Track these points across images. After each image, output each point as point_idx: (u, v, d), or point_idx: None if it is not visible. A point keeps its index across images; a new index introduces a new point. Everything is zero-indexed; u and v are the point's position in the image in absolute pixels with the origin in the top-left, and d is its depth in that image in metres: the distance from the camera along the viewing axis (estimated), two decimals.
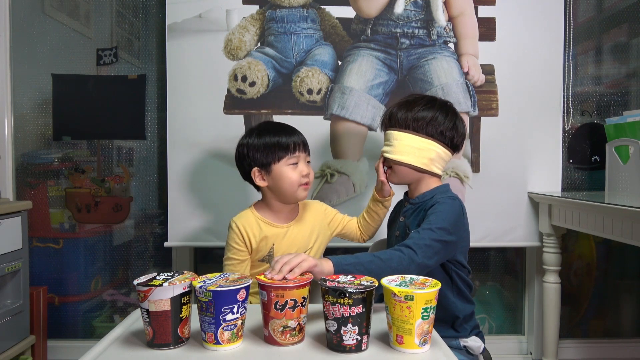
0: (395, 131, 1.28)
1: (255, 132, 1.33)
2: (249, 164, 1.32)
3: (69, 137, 2.07)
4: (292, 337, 0.87)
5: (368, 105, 1.89)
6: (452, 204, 1.25)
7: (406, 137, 1.27)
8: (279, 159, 1.28)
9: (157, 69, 2.07)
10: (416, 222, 1.27)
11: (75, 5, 2.08)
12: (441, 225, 1.18)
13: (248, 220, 1.34)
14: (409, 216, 1.32)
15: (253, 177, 1.31)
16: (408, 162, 1.27)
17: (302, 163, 1.31)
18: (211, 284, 0.85)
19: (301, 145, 1.31)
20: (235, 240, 1.32)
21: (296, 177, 1.29)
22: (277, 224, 1.34)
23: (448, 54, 1.91)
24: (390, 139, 1.29)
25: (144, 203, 2.13)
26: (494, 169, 1.93)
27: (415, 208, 1.32)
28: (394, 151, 1.28)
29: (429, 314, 0.84)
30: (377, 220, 1.44)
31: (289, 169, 1.29)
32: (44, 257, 2.11)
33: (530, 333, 2.17)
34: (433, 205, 1.24)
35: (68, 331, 2.15)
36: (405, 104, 1.30)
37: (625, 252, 2.20)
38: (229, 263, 1.33)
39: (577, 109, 2.09)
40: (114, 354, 0.85)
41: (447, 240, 1.18)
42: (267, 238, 1.32)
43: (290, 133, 1.32)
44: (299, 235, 1.36)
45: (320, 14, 1.91)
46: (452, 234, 1.20)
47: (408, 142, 1.27)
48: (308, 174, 1.31)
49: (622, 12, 2.11)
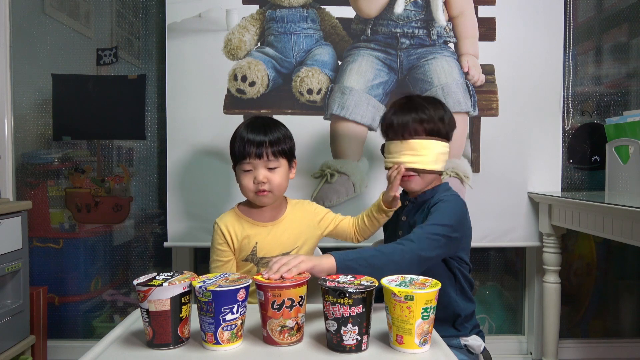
0: (423, 140, 1.25)
1: (243, 126, 1.30)
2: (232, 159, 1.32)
3: (69, 137, 2.07)
4: (290, 336, 0.87)
5: (368, 105, 1.89)
6: (456, 202, 1.27)
7: (436, 145, 1.26)
8: (237, 163, 1.28)
9: (157, 69, 2.07)
10: (420, 221, 1.27)
11: (75, 5, 2.08)
12: (445, 222, 1.18)
13: (230, 219, 1.33)
14: (412, 215, 1.32)
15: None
16: (439, 169, 1.28)
17: (258, 170, 1.25)
18: (211, 284, 0.85)
19: (253, 153, 1.23)
20: (217, 241, 1.32)
21: (247, 184, 1.26)
22: (261, 223, 1.32)
23: (448, 54, 1.91)
24: (417, 148, 1.25)
25: (144, 203, 2.13)
26: (494, 169, 1.93)
27: (417, 207, 1.32)
28: (425, 161, 1.25)
29: (429, 314, 0.84)
30: (376, 226, 1.42)
31: (243, 175, 1.27)
32: (44, 257, 2.11)
33: (530, 333, 2.17)
34: (436, 203, 1.25)
35: (68, 331, 2.15)
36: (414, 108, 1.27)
37: (625, 252, 2.20)
38: (214, 266, 1.32)
39: (577, 109, 2.09)
40: (114, 354, 0.85)
41: (451, 236, 1.19)
42: (249, 237, 1.30)
43: (258, 136, 1.24)
44: (285, 235, 1.33)
45: (320, 14, 1.91)
46: (456, 231, 1.21)
47: (438, 149, 1.26)
48: (264, 182, 1.24)
49: (622, 12, 2.11)
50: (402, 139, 1.26)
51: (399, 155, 1.27)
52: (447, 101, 1.88)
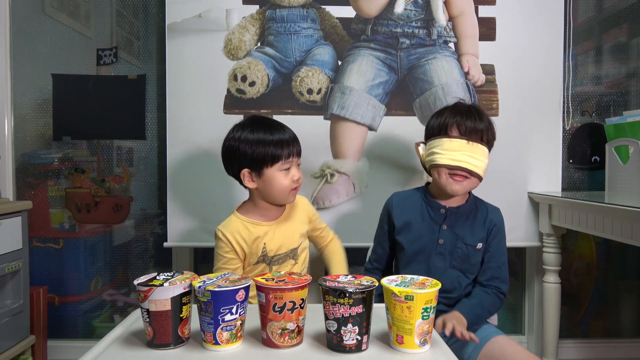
0: (485, 147, 1.33)
1: (247, 129, 1.27)
2: (238, 163, 1.28)
3: (69, 137, 2.07)
4: (290, 339, 0.86)
5: (368, 105, 1.89)
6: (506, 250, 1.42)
7: (487, 155, 1.34)
8: (272, 164, 1.25)
9: (157, 69, 2.07)
10: (469, 232, 1.36)
11: (75, 5, 2.08)
12: (506, 279, 1.39)
13: (235, 226, 1.30)
14: (455, 224, 1.37)
15: (242, 178, 1.28)
16: (482, 177, 1.34)
17: (294, 168, 1.29)
18: (210, 284, 0.85)
19: (295, 150, 1.28)
20: (224, 250, 1.30)
21: (287, 183, 1.27)
22: (265, 222, 1.32)
23: (448, 53, 1.91)
24: (478, 153, 1.31)
25: (144, 203, 2.13)
26: (494, 169, 1.91)
27: (460, 216, 1.37)
28: (482, 167, 1.32)
29: (429, 314, 0.84)
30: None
31: (281, 174, 1.26)
32: (44, 257, 2.10)
33: (530, 333, 2.17)
34: (495, 224, 1.39)
35: (68, 331, 2.15)
36: (473, 114, 1.33)
37: (625, 252, 2.20)
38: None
39: (577, 109, 2.09)
40: (114, 354, 0.85)
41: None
42: (258, 239, 1.30)
43: (284, 136, 1.27)
44: (289, 232, 1.34)
45: (320, 14, 1.91)
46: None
47: (487, 160, 1.34)
48: (299, 178, 1.29)
49: (622, 12, 2.11)
50: (469, 140, 1.30)
51: (459, 154, 1.30)
52: (448, 101, 1.88)
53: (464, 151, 1.29)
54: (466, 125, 1.31)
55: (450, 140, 1.31)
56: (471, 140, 1.30)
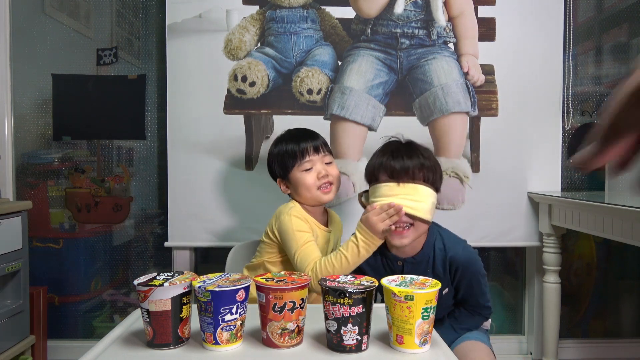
0: (422, 186, 1.16)
1: (275, 142, 1.38)
2: (273, 174, 1.39)
3: (69, 137, 2.07)
4: (290, 339, 0.86)
5: (368, 106, 1.89)
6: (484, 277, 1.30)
7: (431, 194, 1.17)
8: (292, 168, 1.31)
9: (157, 69, 2.07)
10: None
11: (75, 5, 2.08)
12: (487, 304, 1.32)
13: (301, 211, 1.32)
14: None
15: (280, 187, 1.37)
16: (430, 221, 1.19)
17: (317, 165, 1.31)
18: (210, 284, 0.85)
19: (311, 149, 1.31)
20: (302, 226, 1.27)
21: (312, 180, 1.30)
22: (321, 226, 1.35)
23: (448, 54, 1.91)
24: (416, 194, 1.15)
25: (144, 203, 2.13)
26: (494, 169, 1.93)
27: (416, 265, 1.25)
28: (424, 209, 1.15)
29: (429, 314, 0.84)
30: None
31: (304, 174, 1.31)
32: (44, 257, 2.10)
33: (530, 333, 2.17)
34: (457, 264, 1.23)
35: (68, 331, 2.15)
36: (401, 152, 1.19)
37: (625, 252, 2.20)
38: (307, 247, 1.23)
39: (577, 109, 2.09)
40: (114, 354, 0.85)
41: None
42: (316, 237, 1.32)
43: (300, 139, 1.33)
44: (331, 247, 1.38)
45: (320, 14, 1.91)
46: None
47: (432, 199, 1.18)
48: (327, 174, 1.31)
49: (622, 12, 2.11)
50: (399, 182, 1.16)
51: (392, 199, 1.15)
52: (447, 101, 1.88)
53: (398, 195, 1.15)
54: (392, 165, 1.17)
55: (379, 186, 1.18)
56: (406, 180, 1.15)
